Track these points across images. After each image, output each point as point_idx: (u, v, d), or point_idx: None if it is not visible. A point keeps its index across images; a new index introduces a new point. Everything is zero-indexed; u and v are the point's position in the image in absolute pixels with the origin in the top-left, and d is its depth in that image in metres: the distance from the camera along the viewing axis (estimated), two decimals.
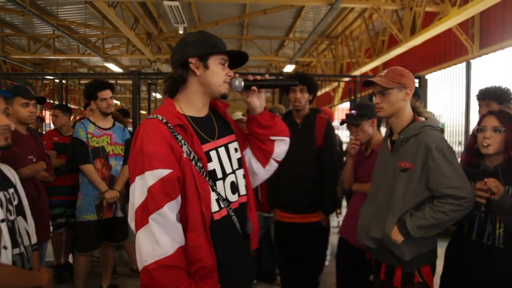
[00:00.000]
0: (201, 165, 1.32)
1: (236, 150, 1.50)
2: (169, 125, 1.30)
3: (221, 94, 1.41)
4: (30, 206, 2.52)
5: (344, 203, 5.22)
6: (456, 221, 1.74)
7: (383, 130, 2.49)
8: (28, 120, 2.70)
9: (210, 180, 1.34)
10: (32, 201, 2.55)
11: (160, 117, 1.32)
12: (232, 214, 1.39)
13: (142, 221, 1.25)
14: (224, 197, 1.38)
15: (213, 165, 1.38)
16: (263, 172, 1.60)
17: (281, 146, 1.59)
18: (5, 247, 1.34)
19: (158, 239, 1.23)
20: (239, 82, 1.43)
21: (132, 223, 1.29)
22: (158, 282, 1.23)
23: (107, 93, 3.04)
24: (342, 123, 2.64)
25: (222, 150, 1.43)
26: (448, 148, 1.74)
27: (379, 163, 2.00)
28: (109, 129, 3.11)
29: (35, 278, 1.45)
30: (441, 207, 1.70)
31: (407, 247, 1.76)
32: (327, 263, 3.85)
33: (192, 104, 1.41)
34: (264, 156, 1.57)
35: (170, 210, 1.26)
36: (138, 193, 1.26)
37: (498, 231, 1.78)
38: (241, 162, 1.50)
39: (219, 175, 1.39)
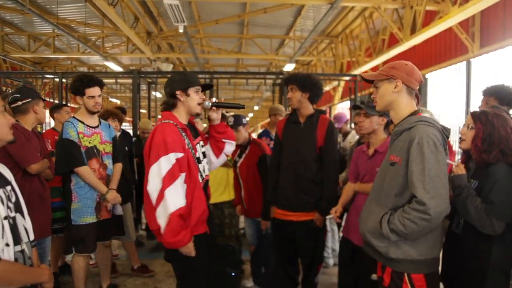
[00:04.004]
0: (193, 152, 2.11)
1: (202, 146, 2.28)
2: (177, 126, 2.07)
3: (196, 113, 2.20)
4: (37, 202, 2.67)
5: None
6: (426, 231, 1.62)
7: None
8: (44, 121, 2.99)
9: (197, 163, 2.14)
10: (38, 197, 2.69)
11: (172, 122, 2.08)
12: (203, 186, 2.16)
13: (170, 182, 1.94)
14: (202, 174, 2.17)
15: (198, 154, 2.19)
16: (216, 161, 2.40)
17: (229, 147, 2.39)
18: (7, 244, 1.35)
19: (181, 193, 1.98)
20: (208, 103, 2.21)
21: (156, 192, 1.94)
22: (176, 223, 1.93)
23: (95, 91, 2.85)
24: (355, 107, 2.60)
25: (198, 146, 2.22)
26: (433, 146, 1.59)
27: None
28: (97, 127, 2.96)
29: (37, 274, 1.47)
30: (408, 214, 1.59)
31: (392, 245, 1.68)
32: (324, 263, 3.85)
33: (182, 117, 2.16)
34: (218, 151, 2.37)
35: (182, 178, 2.00)
36: (164, 167, 1.95)
37: (461, 220, 1.91)
38: (205, 154, 2.30)
39: (199, 160, 2.19)
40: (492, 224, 1.73)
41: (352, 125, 4.30)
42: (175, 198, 1.94)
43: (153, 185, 1.95)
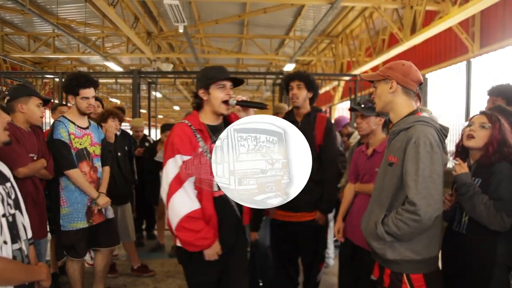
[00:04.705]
0: (209, 156, 1.90)
1: None
2: (192, 127, 1.95)
3: (220, 113, 2.01)
4: (29, 203, 2.54)
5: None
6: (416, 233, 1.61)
7: None
8: (40, 121, 2.68)
9: None
10: (31, 199, 2.56)
11: (187, 122, 1.97)
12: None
13: (176, 187, 1.86)
14: None
15: None
16: None
17: None
18: (5, 242, 1.35)
19: (192, 196, 1.88)
20: (233, 101, 1.98)
21: (165, 194, 1.89)
22: (188, 224, 1.85)
23: (90, 92, 2.72)
24: (352, 109, 2.63)
25: None
26: (429, 146, 1.57)
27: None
28: (87, 128, 2.85)
29: (35, 272, 1.47)
30: (400, 215, 1.58)
31: (388, 246, 1.67)
32: (325, 264, 3.83)
33: (207, 117, 2.03)
34: None
35: (191, 181, 1.90)
36: (171, 170, 1.88)
37: (464, 218, 1.92)
38: None
39: None
40: (502, 220, 1.77)
41: (355, 124, 4.30)
42: (184, 201, 1.87)
43: (162, 190, 1.92)
